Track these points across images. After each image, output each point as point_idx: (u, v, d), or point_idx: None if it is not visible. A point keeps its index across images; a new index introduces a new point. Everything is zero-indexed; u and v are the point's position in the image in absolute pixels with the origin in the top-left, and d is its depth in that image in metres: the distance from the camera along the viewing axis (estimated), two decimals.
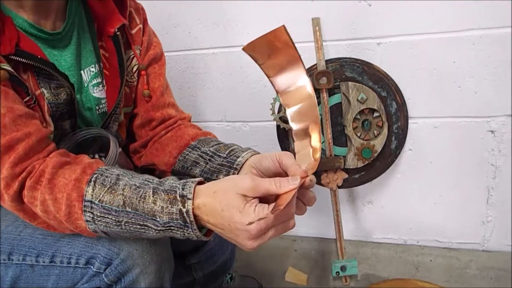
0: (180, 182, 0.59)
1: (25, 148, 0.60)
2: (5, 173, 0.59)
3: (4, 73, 0.61)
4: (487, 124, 1.12)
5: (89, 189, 0.59)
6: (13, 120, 0.60)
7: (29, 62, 0.65)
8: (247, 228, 0.54)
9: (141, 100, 0.85)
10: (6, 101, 0.61)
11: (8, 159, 0.59)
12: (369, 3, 1.07)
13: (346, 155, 1.14)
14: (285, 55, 0.60)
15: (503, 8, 1.00)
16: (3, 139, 0.59)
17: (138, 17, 0.84)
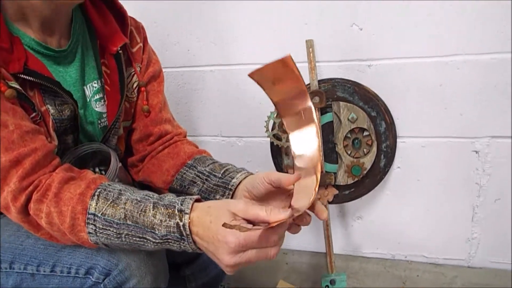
0: (179, 198, 0.63)
1: (31, 163, 0.63)
2: (12, 186, 0.62)
3: (12, 91, 0.64)
4: (472, 145, 1.16)
5: (92, 203, 0.62)
6: (21, 136, 0.64)
7: (36, 81, 0.68)
8: (227, 240, 0.56)
9: (140, 115, 0.89)
10: (14, 118, 0.64)
11: (16, 173, 0.63)
12: (360, 27, 1.12)
13: (336, 172, 1.18)
14: (290, 83, 0.61)
15: (486, 36, 1.05)
16: (11, 154, 0.62)
17: (138, 36, 0.88)
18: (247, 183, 0.72)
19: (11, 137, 0.63)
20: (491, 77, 1.08)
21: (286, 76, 0.61)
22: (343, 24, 1.12)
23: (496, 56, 1.06)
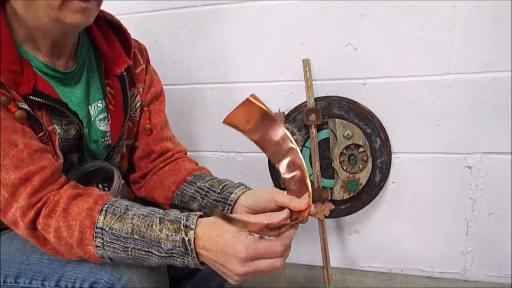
0: (184, 214, 0.66)
1: (40, 180, 0.66)
2: (22, 203, 0.65)
3: (22, 112, 0.67)
4: (465, 160, 1.19)
5: (100, 217, 0.65)
6: (30, 155, 0.66)
7: (44, 102, 0.71)
8: (237, 251, 0.59)
9: (143, 134, 0.91)
10: (23, 137, 0.67)
11: (25, 190, 0.65)
12: (355, 47, 1.16)
13: (333, 187, 1.21)
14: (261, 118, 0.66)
15: (476, 55, 1.09)
16: (20, 172, 0.65)
17: (141, 57, 0.91)
18: (248, 200, 0.75)
19: (20, 155, 0.66)
20: (482, 95, 1.12)
21: (255, 113, 0.65)
22: (338, 44, 1.16)
23: (486, 75, 1.10)
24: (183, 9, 1.25)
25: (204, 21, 1.24)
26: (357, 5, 1.12)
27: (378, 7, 1.11)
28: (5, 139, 0.65)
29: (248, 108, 0.66)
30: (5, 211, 0.67)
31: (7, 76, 0.66)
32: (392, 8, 1.10)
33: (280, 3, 1.17)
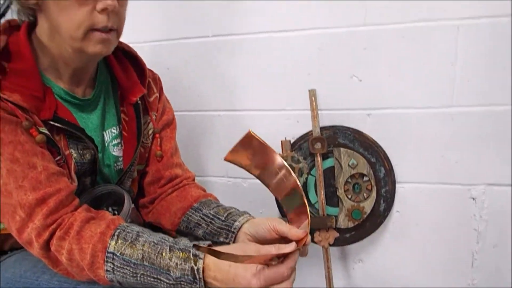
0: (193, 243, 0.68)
1: (55, 202, 0.69)
2: (37, 223, 0.68)
3: (43, 137, 0.71)
4: (468, 192, 1.20)
5: (112, 242, 0.67)
6: (48, 177, 0.70)
7: (63, 127, 0.75)
8: (249, 282, 0.62)
9: (153, 160, 0.94)
10: (42, 160, 0.70)
11: (41, 211, 0.68)
12: (359, 79, 1.20)
13: (337, 215, 1.22)
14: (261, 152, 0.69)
15: (476, 89, 1.12)
16: (38, 193, 0.68)
17: (155, 86, 0.95)
18: (251, 228, 0.78)
19: (39, 177, 0.69)
20: (484, 128, 1.14)
21: (254, 148, 0.68)
22: (343, 75, 1.20)
23: (488, 108, 1.13)
24: (194, 39, 1.31)
25: (214, 51, 1.29)
26: (362, 39, 1.16)
27: (381, 41, 1.15)
28: (26, 161, 0.68)
29: (247, 144, 0.69)
30: (21, 231, 0.69)
31: (31, 102, 0.71)
32: (396, 42, 1.14)
33: (287, 35, 1.21)
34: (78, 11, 0.70)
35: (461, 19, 1.09)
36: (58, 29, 0.72)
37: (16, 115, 0.69)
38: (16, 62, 0.73)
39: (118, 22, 0.76)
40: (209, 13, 1.27)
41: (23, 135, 0.70)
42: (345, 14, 1.16)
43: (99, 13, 0.71)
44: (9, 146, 0.68)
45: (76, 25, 0.71)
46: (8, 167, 0.68)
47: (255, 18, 1.23)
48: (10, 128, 0.69)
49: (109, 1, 0.70)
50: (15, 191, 0.68)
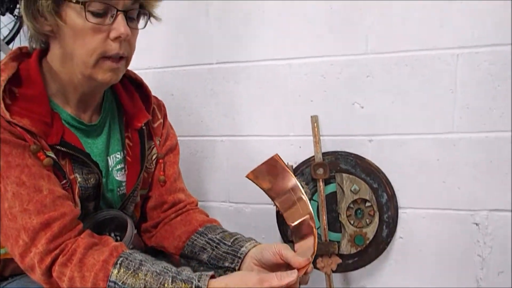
0: (196, 274, 0.67)
1: (60, 226, 0.69)
2: (40, 248, 0.68)
3: (50, 160, 0.72)
4: (471, 217, 1.20)
5: (114, 271, 0.67)
6: (53, 201, 0.70)
7: (69, 152, 0.76)
8: None
9: (157, 184, 0.95)
10: (49, 183, 0.71)
11: (45, 235, 0.68)
12: (361, 106, 1.21)
13: (340, 241, 1.22)
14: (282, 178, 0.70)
15: (476, 116, 1.13)
16: (42, 217, 0.68)
17: (159, 112, 0.97)
18: (257, 253, 0.78)
19: (44, 201, 0.69)
20: (486, 153, 1.15)
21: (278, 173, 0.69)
22: (345, 102, 1.22)
23: (489, 134, 1.14)
24: (198, 66, 1.33)
25: (218, 78, 1.32)
26: (363, 67, 1.18)
27: (383, 69, 1.17)
28: (32, 184, 0.69)
29: (271, 167, 0.70)
30: (23, 256, 0.69)
31: (39, 127, 0.72)
32: (396, 70, 1.16)
33: (290, 62, 1.24)
34: (93, 38, 0.73)
35: (460, 48, 1.11)
36: (72, 55, 0.75)
37: (24, 139, 0.71)
38: (26, 88, 0.75)
39: (129, 50, 0.79)
40: (213, 41, 1.30)
41: (30, 159, 0.70)
42: (348, 42, 1.18)
43: (112, 41, 0.74)
44: (16, 170, 0.69)
45: (90, 52, 0.73)
46: (14, 190, 0.69)
47: (259, 46, 1.25)
48: (18, 152, 0.70)
49: (123, 30, 0.73)
50: (20, 214, 0.68)
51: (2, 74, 0.72)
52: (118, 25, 0.73)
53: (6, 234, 0.70)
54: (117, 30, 0.73)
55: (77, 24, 0.72)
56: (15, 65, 0.76)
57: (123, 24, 0.73)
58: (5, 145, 0.69)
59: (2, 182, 0.68)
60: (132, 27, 0.77)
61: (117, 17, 0.73)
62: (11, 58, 0.77)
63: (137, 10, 0.78)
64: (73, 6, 0.71)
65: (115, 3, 0.73)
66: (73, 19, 0.72)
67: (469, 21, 1.09)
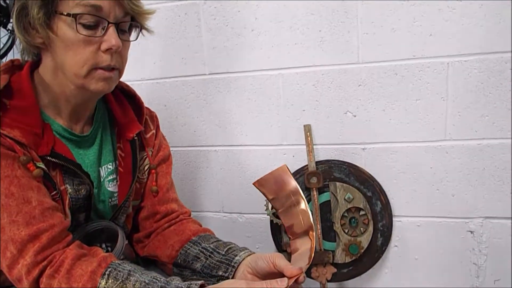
0: (185, 284, 0.67)
1: (48, 238, 0.69)
2: (28, 260, 0.67)
3: (40, 171, 0.72)
4: (466, 225, 1.20)
5: (102, 282, 0.66)
6: (42, 212, 0.70)
7: (60, 162, 0.76)
8: None
9: (149, 195, 0.95)
10: (38, 195, 0.71)
11: (33, 247, 0.67)
12: (354, 114, 1.22)
13: (335, 250, 1.21)
14: (288, 189, 0.71)
15: (468, 123, 1.14)
16: (31, 229, 0.68)
17: (152, 123, 0.97)
18: (251, 261, 0.78)
19: (33, 212, 0.69)
20: (479, 161, 1.15)
21: (285, 184, 0.69)
22: (337, 111, 1.22)
23: (481, 141, 1.14)
24: (191, 77, 1.34)
25: (210, 88, 1.32)
26: (355, 76, 1.19)
27: (375, 78, 1.18)
28: (21, 196, 0.69)
29: (278, 177, 0.70)
30: (11, 267, 0.68)
31: (30, 138, 0.72)
32: (387, 78, 1.17)
33: (282, 72, 1.25)
34: (84, 50, 0.73)
35: (451, 57, 1.12)
36: (63, 67, 0.75)
37: (14, 150, 0.70)
38: (17, 99, 0.75)
39: (121, 62, 0.79)
40: (205, 52, 1.30)
41: (19, 170, 0.70)
42: (339, 52, 1.19)
43: (103, 52, 0.74)
44: (5, 181, 0.69)
45: (81, 63, 0.74)
46: (3, 202, 0.68)
47: (251, 57, 1.26)
48: (7, 163, 0.70)
49: (114, 42, 0.73)
50: (8, 226, 0.68)
51: None
52: (109, 37, 0.74)
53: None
54: (108, 42, 0.73)
55: (68, 36, 0.73)
56: (6, 77, 0.76)
57: (114, 36, 0.74)
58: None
59: None
60: (123, 39, 0.78)
61: (108, 29, 0.74)
62: (2, 71, 0.77)
63: (128, 22, 0.79)
64: (64, 19, 0.72)
65: (106, 15, 0.73)
66: (64, 31, 0.73)
67: (458, 30, 1.10)
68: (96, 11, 0.72)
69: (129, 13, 0.77)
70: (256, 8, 1.22)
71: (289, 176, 0.71)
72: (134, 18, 0.80)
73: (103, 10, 0.73)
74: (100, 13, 0.73)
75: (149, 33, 0.85)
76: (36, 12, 0.71)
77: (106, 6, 0.73)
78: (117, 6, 0.74)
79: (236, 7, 1.24)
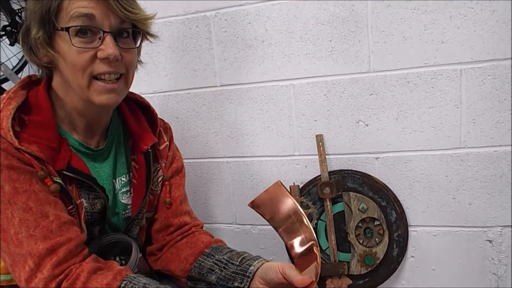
0: None
1: (65, 252, 0.69)
2: (45, 273, 0.67)
3: (57, 186, 0.73)
4: (484, 234, 1.17)
5: None
6: (59, 226, 0.70)
7: (76, 177, 0.77)
8: None
9: (162, 207, 0.95)
10: (55, 209, 0.71)
11: (50, 261, 0.68)
12: (366, 123, 1.21)
13: (350, 261, 1.19)
14: (285, 205, 0.69)
15: (484, 130, 1.12)
16: (48, 243, 0.68)
17: (166, 135, 0.98)
18: (262, 271, 0.78)
19: (50, 226, 0.70)
20: (496, 168, 1.13)
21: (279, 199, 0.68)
22: (350, 120, 1.22)
23: (498, 149, 1.12)
24: (202, 89, 1.35)
25: (222, 100, 1.33)
26: (367, 85, 1.19)
27: (387, 87, 1.17)
28: (38, 210, 0.70)
29: (273, 194, 0.69)
30: (29, 281, 0.69)
31: (47, 153, 0.73)
32: (399, 87, 1.16)
33: (293, 83, 1.25)
34: (80, 59, 0.73)
35: (464, 63, 1.11)
36: (69, 82, 0.76)
37: (32, 165, 0.71)
38: (35, 115, 0.76)
39: (125, 69, 0.78)
40: (216, 64, 1.31)
41: (37, 184, 0.71)
42: (350, 61, 1.19)
43: (101, 61, 0.74)
44: (23, 196, 0.70)
45: (80, 73, 0.73)
46: (21, 216, 0.69)
47: (261, 68, 1.27)
48: (25, 178, 0.71)
49: (110, 51, 0.73)
50: (26, 240, 0.69)
51: (12, 102, 0.73)
52: (106, 46, 0.73)
53: (13, 260, 0.69)
54: (105, 51, 0.73)
55: (66, 50, 0.73)
56: (24, 93, 0.77)
57: (111, 45, 0.73)
58: (13, 171, 0.70)
59: (9, 208, 0.69)
60: (124, 47, 0.77)
61: (105, 39, 0.73)
62: (20, 86, 0.79)
63: (130, 30, 0.78)
64: (62, 34, 0.72)
65: (100, 24, 0.73)
66: (62, 47, 0.73)
67: (470, 37, 1.09)
68: (89, 21, 0.72)
69: (125, 20, 0.76)
70: (266, 20, 1.23)
71: (285, 193, 0.68)
72: (135, 25, 0.79)
73: (96, 19, 0.72)
74: (94, 23, 0.72)
75: (154, 38, 0.84)
76: (36, 32, 0.72)
77: (99, 14, 0.72)
78: (111, 14, 0.73)
79: (247, 19, 1.25)
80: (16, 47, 1.64)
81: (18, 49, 1.66)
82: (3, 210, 0.69)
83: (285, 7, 1.21)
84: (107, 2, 0.72)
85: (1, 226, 0.69)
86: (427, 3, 1.10)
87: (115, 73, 0.76)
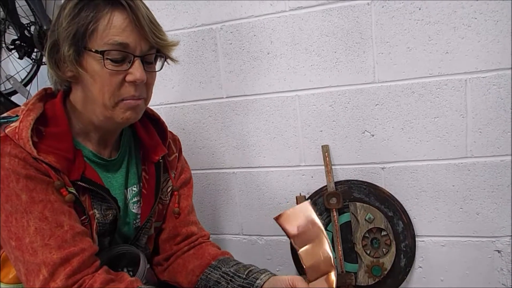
0: None
1: (79, 262, 0.70)
2: (59, 283, 0.68)
3: (72, 196, 0.74)
4: (493, 244, 1.17)
5: None
6: (73, 236, 0.71)
7: (89, 187, 0.78)
8: None
9: (171, 217, 0.96)
10: (69, 219, 0.73)
11: (64, 271, 0.69)
12: (372, 134, 1.21)
13: (357, 271, 1.19)
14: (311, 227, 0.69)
15: (490, 140, 1.12)
16: (62, 253, 0.69)
17: (175, 147, 1.00)
18: (270, 285, 0.78)
19: (65, 236, 0.71)
20: (503, 178, 1.13)
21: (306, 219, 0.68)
22: (355, 131, 1.22)
23: (504, 158, 1.12)
24: (208, 101, 1.36)
25: (228, 111, 1.34)
26: (372, 95, 1.19)
27: (392, 97, 1.18)
28: (54, 220, 0.71)
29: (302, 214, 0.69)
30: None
31: (63, 163, 0.75)
32: (405, 97, 1.17)
33: (299, 94, 1.26)
34: (110, 81, 0.76)
35: (468, 73, 1.12)
36: (92, 99, 0.78)
37: (49, 175, 0.73)
38: (52, 126, 0.78)
39: (146, 92, 0.82)
40: (222, 76, 1.33)
41: (53, 194, 0.73)
42: (355, 72, 1.20)
43: (128, 84, 0.77)
44: (40, 205, 0.71)
45: (109, 95, 0.77)
46: (37, 225, 0.70)
47: (267, 79, 1.28)
48: (42, 188, 0.72)
49: (139, 75, 0.76)
50: (41, 249, 0.70)
51: (31, 113, 0.75)
52: (135, 70, 0.76)
53: (27, 269, 0.70)
54: (134, 75, 0.76)
55: (97, 71, 0.76)
56: (41, 105, 0.79)
57: (139, 70, 0.77)
58: (30, 181, 0.71)
59: (25, 217, 0.70)
60: (149, 70, 0.81)
61: (134, 63, 0.77)
62: (38, 99, 0.80)
63: (154, 54, 0.82)
64: (93, 55, 0.75)
65: (133, 50, 0.76)
66: (93, 66, 0.76)
67: (474, 47, 1.10)
68: (123, 48, 0.75)
69: (154, 46, 0.80)
70: (271, 32, 1.25)
71: (313, 214, 0.69)
72: (159, 50, 0.82)
73: (130, 46, 0.76)
74: (127, 49, 0.76)
75: (174, 62, 0.88)
76: (67, 50, 0.74)
77: (132, 42, 0.76)
78: (143, 41, 0.77)
79: (252, 32, 1.27)
80: (25, 60, 1.67)
81: (27, 63, 1.69)
82: (19, 219, 0.70)
83: (290, 19, 1.23)
84: (143, 30, 0.76)
85: (16, 235, 0.70)
86: (431, 13, 1.11)
87: (140, 96, 0.79)
